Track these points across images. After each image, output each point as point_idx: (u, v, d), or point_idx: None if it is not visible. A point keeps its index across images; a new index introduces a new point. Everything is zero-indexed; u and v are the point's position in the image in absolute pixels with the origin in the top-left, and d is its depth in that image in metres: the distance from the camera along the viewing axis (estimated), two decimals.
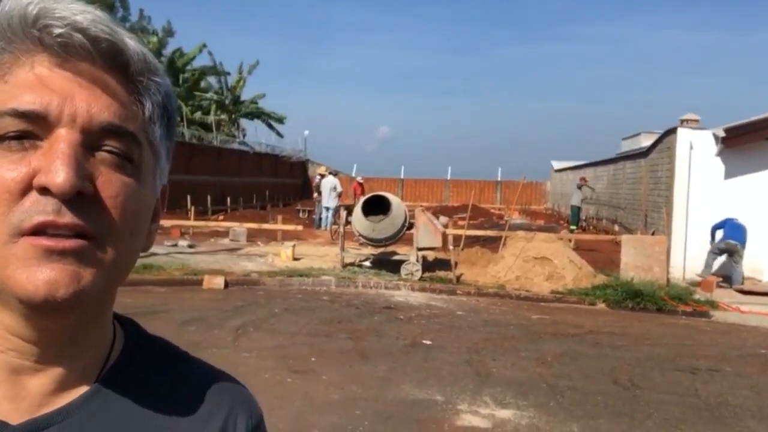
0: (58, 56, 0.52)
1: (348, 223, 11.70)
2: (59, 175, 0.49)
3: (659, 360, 6.89)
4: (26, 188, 0.50)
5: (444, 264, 11.82)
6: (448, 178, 34.23)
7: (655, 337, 8.01)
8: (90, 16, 0.52)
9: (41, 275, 0.50)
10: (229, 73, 35.52)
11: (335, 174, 20.25)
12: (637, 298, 9.52)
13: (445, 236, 11.87)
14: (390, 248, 12.62)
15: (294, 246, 13.06)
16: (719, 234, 11.23)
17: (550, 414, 5.12)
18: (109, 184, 0.53)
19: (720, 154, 11.92)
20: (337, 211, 15.55)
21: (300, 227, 15.48)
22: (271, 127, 37.44)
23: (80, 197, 0.51)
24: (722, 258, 11.18)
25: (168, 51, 31.30)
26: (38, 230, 0.50)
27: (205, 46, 32.86)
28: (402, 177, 34.57)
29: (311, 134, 51.70)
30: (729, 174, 11.95)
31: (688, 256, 11.91)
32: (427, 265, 11.94)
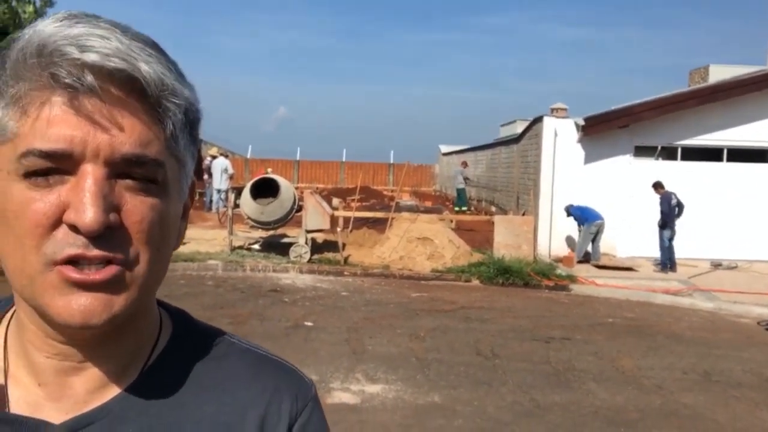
0: (75, 92, 0.52)
1: (237, 206, 11.66)
2: (87, 215, 0.52)
3: (520, 331, 7.56)
4: (57, 222, 0.53)
5: (333, 246, 12.10)
6: (344, 160, 34.38)
7: (519, 309, 8.75)
8: (105, 50, 0.53)
9: (75, 305, 0.54)
10: None
11: (227, 155, 19.81)
12: (506, 274, 10.26)
13: (333, 218, 12.15)
14: (280, 231, 12.70)
15: None
16: (571, 220, 12.20)
17: (416, 386, 5.55)
18: (135, 209, 0.55)
19: (580, 141, 12.93)
20: (227, 193, 15.36)
21: None
22: None
23: (107, 229, 0.53)
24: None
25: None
26: (70, 261, 0.53)
27: None
28: (298, 159, 34.31)
29: (204, 113, 49.79)
30: (588, 159, 13.01)
31: (553, 234, 12.87)
32: (317, 247, 12.16)
